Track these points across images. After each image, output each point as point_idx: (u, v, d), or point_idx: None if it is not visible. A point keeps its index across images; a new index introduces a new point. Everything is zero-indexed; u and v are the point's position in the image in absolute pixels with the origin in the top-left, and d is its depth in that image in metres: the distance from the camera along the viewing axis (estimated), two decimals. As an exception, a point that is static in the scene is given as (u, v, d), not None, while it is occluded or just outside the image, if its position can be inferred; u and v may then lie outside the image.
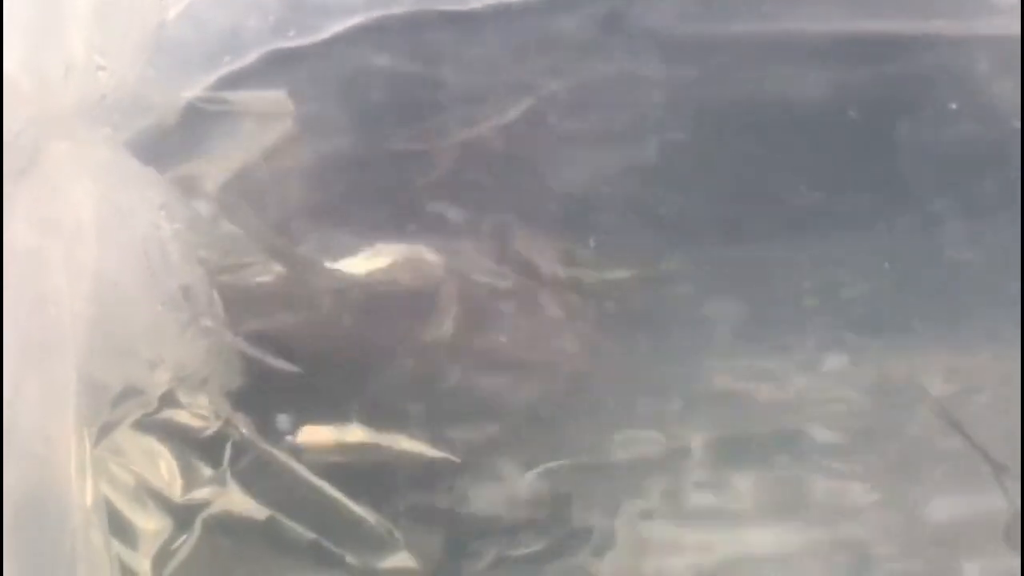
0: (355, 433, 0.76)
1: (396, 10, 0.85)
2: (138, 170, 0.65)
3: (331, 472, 0.75)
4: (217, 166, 0.79)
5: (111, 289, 0.61)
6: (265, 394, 0.75)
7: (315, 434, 0.76)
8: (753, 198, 0.83)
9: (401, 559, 0.74)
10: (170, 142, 0.78)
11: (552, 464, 0.77)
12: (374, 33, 0.84)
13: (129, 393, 0.68)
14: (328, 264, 0.80)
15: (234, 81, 0.80)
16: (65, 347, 0.57)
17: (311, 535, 0.72)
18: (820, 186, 0.83)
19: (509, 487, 0.77)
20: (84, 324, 0.59)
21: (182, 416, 0.71)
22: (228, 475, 0.72)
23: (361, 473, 0.76)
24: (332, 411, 0.77)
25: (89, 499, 0.63)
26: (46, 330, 0.56)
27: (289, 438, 0.75)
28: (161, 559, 0.69)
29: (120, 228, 0.62)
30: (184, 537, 0.70)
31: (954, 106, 0.83)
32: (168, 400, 0.70)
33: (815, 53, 0.84)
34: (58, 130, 0.59)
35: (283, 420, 0.75)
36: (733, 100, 0.84)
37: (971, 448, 0.76)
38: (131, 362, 0.65)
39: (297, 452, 0.74)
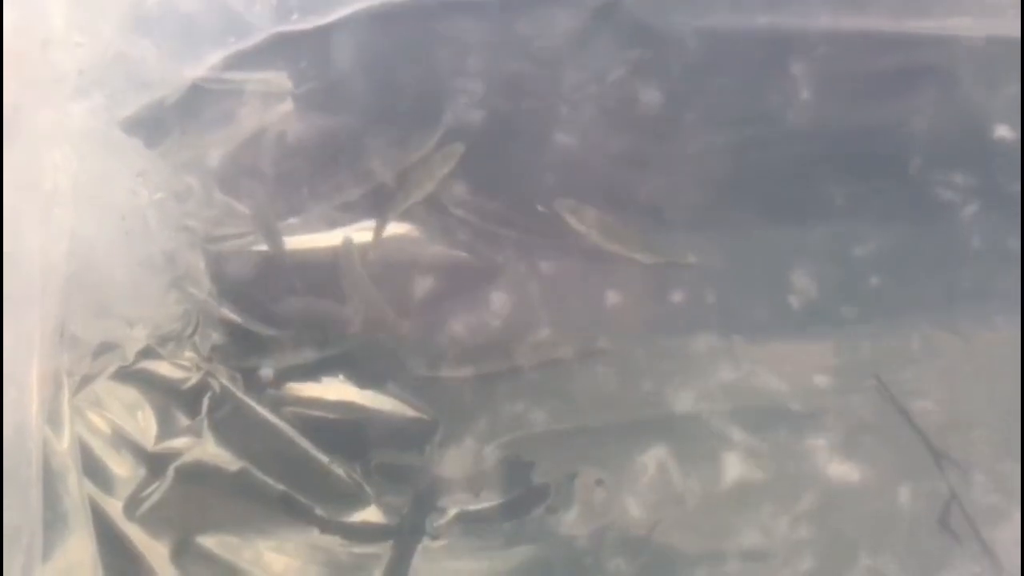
0: (334, 391, 0.77)
1: (398, -2, 0.85)
2: (120, 140, 0.67)
3: (307, 428, 0.76)
4: (217, 142, 0.80)
5: (87, 249, 0.63)
6: (247, 350, 0.76)
7: (295, 390, 0.76)
8: (731, 188, 0.81)
9: (369, 513, 0.75)
10: (172, 118, 0.79)
11: (520, 432, 0.77)
12: (377, 19, 0.84)
13: (107, 347, 0.69)
14: (316, 237, 0.80)
15: (238, 62, 0.81)
16: (34, 301, 0.58)
17: (281, 487, 0.73)
18: (798, 177, 0.82)
19: (478, 450, 0.77)
20: (60, 281, 0.60)
21: (163, 367, 0.73)
22: (204, 425, 0.73)
23: (337, 430, 0.77)
24: (313, 370, 0.78)
25: (65, 444, 0.64)
26: (19, 284, 0.58)
27: (270, 391, 0.76)
28: (133, 503, 0.70)
29: (98, 193, 0.64)
30: (156, 484, 0.71)
31: (933, 104, 0.81)
32: (147, 354, 0.71)
33: (803, 48, 0.82)
34: (38, 100, 0.60)
35: (264, 375, 0.76)
36: (721, 93, 0.83)
37: (914, 433, 0.74)
38: (108, 319, 0.66)
39: (275, 406, 0.75)
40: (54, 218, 0.60)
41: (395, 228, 0.81)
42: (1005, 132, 0.80)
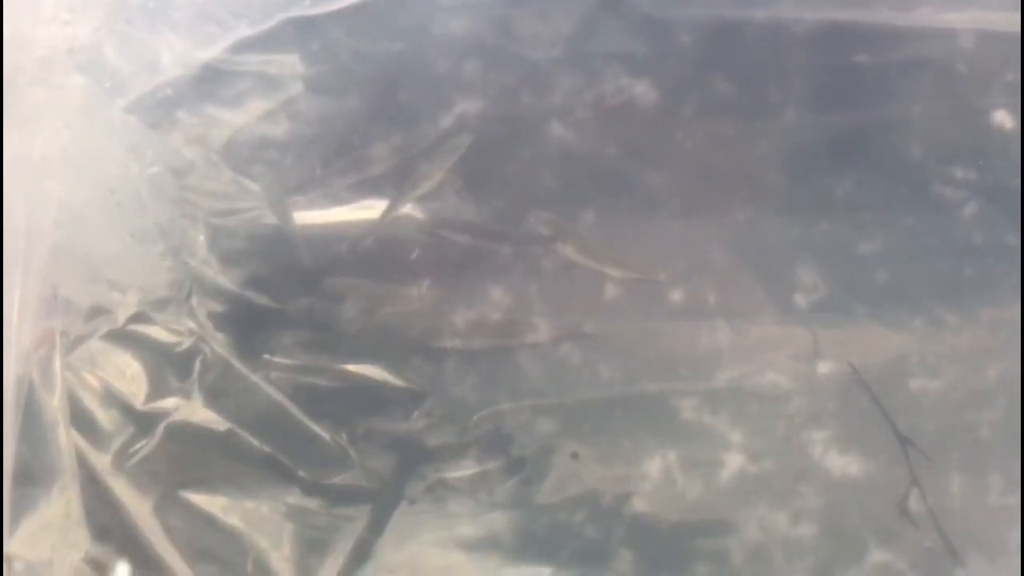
0: (326, 359, 0.78)
1: (407, -14, 0.85)
2: (115, 117, 0.68)
3: (298, 394, 0.77)
4: (227, 120, 0.81)
5: (76, 219, 0.64)
6: (244, 319, 0.77)
7: (288, 357, 0.77)
8: (731, 182, 0.80)
9: (351, 477, 0.76)
10: (183, 98, 0.81)
11: (502, 405, 0.77)
12: (386, 6, 0.84)
13: (99, 311, 0.71)
14: (318, 213, 0.81)
15: (250, 45, 0.82)
16: (18, 264, 0.60)
17: (267, 449, 0.75)
18: (791, 169, 0.80)
19: (462, 422, 0.77)
20: (46, 247, 0.62)
21: (156, 331, 0.74)
22: (195, 387, 0.75)
23: (327, 397, 0.78)
24: (307, 339, 0.78)
25: (56, 399, 0.66)
26: (5, 249, 0.59)
27: (264, 357, 0.77)
28: (122, 456, 0.72)
29: (88, 166, 0.65)
30: (145, 440, 0.73)
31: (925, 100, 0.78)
32: (140, 318, 0.73)
33: (804, 40, 0.80)
34: (30, 76, 0.62)
35: (257, 342, 0.77)
36: (721, 82, 0.81)
37: (876, 418, 0.72)
38: (99, 284, 0.68)
39: (267, 372, 0.76)
40: (42, 188, 0.61)
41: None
42: (1005, 126, 0.76)
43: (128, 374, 0.74)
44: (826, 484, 0.75)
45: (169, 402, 0.75)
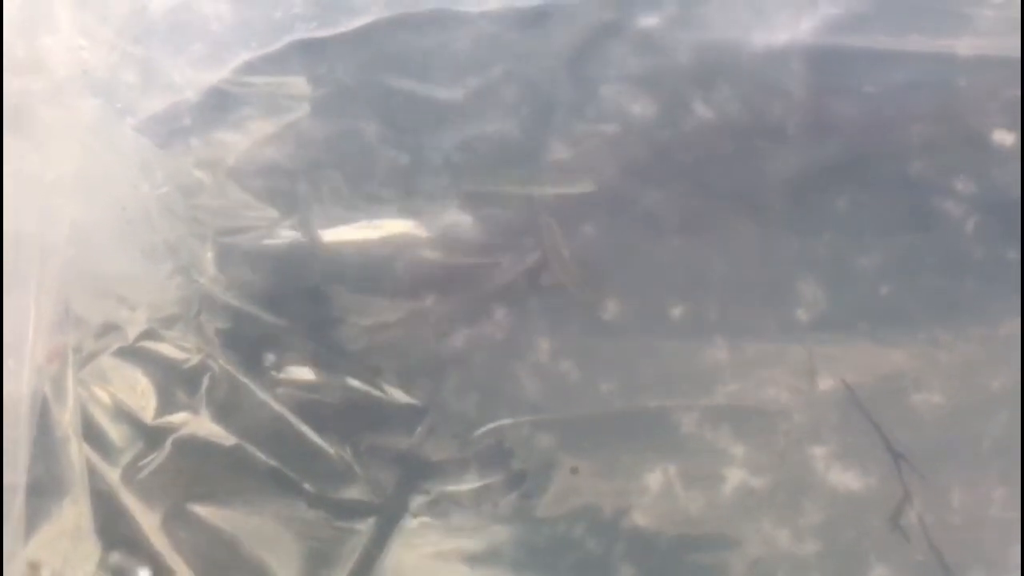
0: (331, 376, 0.79)
1: (415, 9, 0.86)
2: (127, 137, 0.69)
3: (303, 409, 0.78)
4: (237, 141, 0.83)
5: (88, 236, 0.66)
6: (248, 336, 0.79)
7: (293, 373, 0.78)
8: (727, 195, 0.81)
9: (355, 491, 0.77)
10: (192, 119, 0.82)
11: (503, 420, 0.78)
12: (393, 29, 0.85)
13: (109, 328, 0.73)
14: (324, 231, 0.82)
15: (258, 67, 0.84)
16: (31, 280, 0.61)
17: (273, 463, 0.76)
18: (791, 186, 0.81)
19: (463, 437, 0.78)
20: (58, 263, 0.63)
21: (165, 348, 0.76)
22: (203, 403, 0.76)
23: (331, 413, 0.79)
24: (313, 356, 0.80)
25: (68, 415, 0.68)
26: (18, 265, 0.61)
27: (271, 374, 0.78)
28: (131, 470, 0.73)
29: (100, 185, 0.66)
30: (154, 455, 0.74)
31: (923, 118, 0.79)
32: (149, 335, 0.74)
33: (802, 61, 0.81)
34: (44, 97, 0.63)
35: (264, 359, 0.78)
36: (720, 102, 0.82)
37: (875, 434, 0.73)
38: (109, 301, 0.69)
39: (272, 388, 0.77)
40: (54, 206, 0.63)
41: (393, 226, 0.81)
42: (1005, 140, 0.77)
43: (138, 389, 0.75)
44: (828, 498, 0.75)
45: (178, 417, 0.76)
